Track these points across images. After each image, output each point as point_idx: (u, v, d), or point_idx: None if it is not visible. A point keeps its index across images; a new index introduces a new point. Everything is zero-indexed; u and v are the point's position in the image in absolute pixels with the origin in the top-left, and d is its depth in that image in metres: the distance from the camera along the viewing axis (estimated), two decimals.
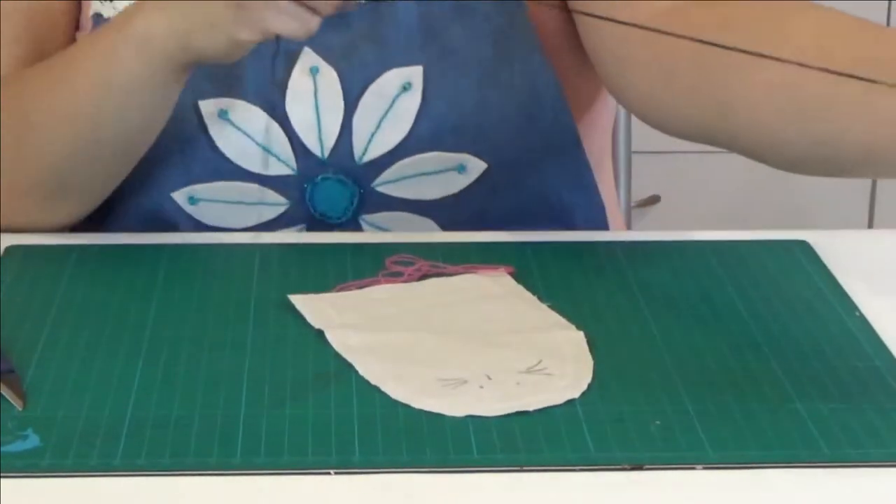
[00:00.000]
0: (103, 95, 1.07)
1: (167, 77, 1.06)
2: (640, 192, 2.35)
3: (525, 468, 0.82)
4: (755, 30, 0.98)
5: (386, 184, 1.16)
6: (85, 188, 1.13)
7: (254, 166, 1.15)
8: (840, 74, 0.86)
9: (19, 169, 1.11)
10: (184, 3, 1.03)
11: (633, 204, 1.56)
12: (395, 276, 1.04)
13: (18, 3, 1.18)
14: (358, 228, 1.17)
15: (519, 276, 1.04)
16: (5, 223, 1.13)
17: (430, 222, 1.17)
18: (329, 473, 0.81)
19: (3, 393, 0.87)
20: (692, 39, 0.93)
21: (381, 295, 1.01)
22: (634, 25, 0.98)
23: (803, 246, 1.08)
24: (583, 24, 1.13)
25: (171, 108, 1.10)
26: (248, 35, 1.00)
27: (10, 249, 1.08)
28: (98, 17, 1.16)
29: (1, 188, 1.12)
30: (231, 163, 1.15)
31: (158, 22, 1.04)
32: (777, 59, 0.90)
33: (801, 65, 0.88)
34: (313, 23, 0.99)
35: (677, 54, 1.02)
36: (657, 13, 1.05)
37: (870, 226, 2.63)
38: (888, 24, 2.48)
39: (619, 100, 1.12)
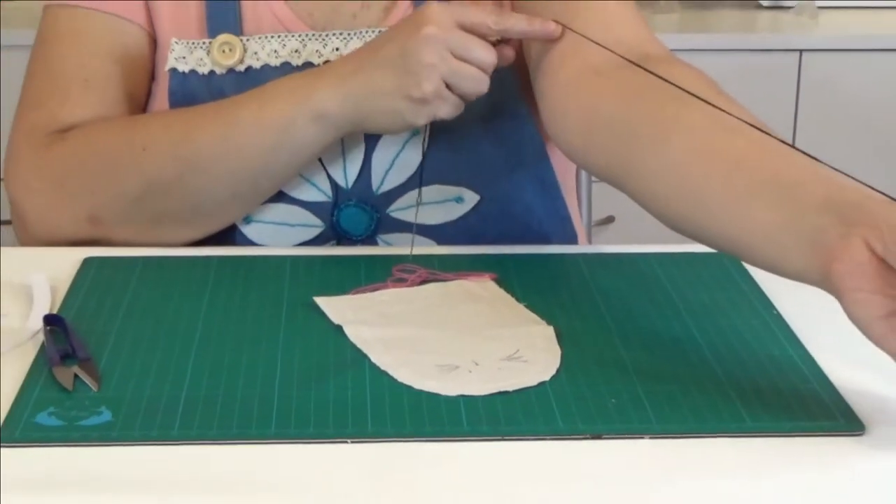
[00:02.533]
0: (275, 156, 1.08)
1: (333, 140, 1.08)
2: (599, 213, 2.34)
3: (506, 437, 0.82)
4: (657, 120, 0.95)
5: (398, 210, 1.16)
6: (224, 219, 1.13)
7: (300, 193, 1.14)
8: (787, 145, 0.84)
9: (167, 198, 1.10)
10: (363, 91, 1.04)
11: (593, 223, 1.56)
12: (401, 282, 1.03)
13: (110, 48, 1.15)
14: (375, 245, 1.16)
15: (501, 282, 1.04)
16: (124, 238, 1.11)
17: (432, 242, 1.16)
18: (346, 442, 0.81)
19: (82, 377, 0.87)
20: (662, 79, 0.92)
21: (389, 297, 1.01)
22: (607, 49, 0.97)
23: (731, 257, 1.07)
24: (531, 67, 1.12)
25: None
26: (423, 121, 1.05)
27: (87, 260, 1.07)
28: (174, 72, 1.13)
29: (127, 210, 1.11)
30: (281, 191, 1.14)
31: (335, 101, 1.05)
32: (732, 115, 0.88)
33: (757, 128, 0.86)
34: (463, 107, 1.06)
35: (595, 117, 1.01)
36: (581, 71, 1.03)
37: None
38: (798, 76, 2.45)
39: (552, 139, 1.10)
